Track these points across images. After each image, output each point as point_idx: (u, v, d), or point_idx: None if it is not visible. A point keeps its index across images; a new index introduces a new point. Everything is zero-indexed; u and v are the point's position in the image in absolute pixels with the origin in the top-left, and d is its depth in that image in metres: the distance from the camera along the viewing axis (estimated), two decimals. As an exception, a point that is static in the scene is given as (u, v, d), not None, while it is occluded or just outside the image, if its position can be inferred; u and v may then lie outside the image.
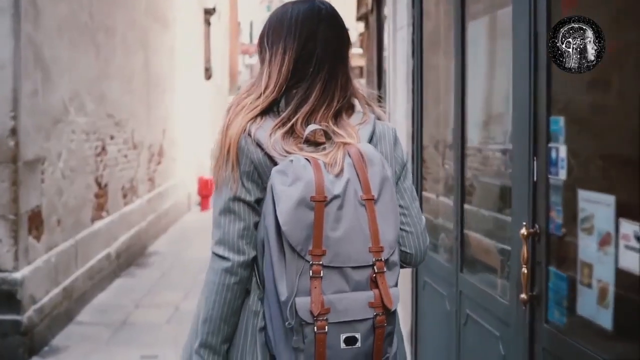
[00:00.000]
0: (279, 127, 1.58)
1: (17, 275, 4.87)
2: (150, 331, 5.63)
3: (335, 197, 1.47)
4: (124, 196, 7.86)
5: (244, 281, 1.59)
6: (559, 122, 2.14)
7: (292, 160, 1.50)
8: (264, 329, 1.58)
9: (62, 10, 5.78)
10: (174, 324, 5.81)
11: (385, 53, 7.18)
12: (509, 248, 2.54)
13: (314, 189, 1.46)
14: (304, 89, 1.62)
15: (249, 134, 1.57)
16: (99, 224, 6.80)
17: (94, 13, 6.63)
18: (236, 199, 1.58)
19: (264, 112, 1.61)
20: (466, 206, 2.95)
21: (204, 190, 12.57)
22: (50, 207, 5.48)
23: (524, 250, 2.21)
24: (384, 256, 1.49)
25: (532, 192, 2.25)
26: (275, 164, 1.54)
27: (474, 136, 2.98)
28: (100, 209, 6.90)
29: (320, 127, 1.57)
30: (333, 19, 1.67)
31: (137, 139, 8.45)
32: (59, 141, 5.69)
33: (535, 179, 2.24)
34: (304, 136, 1.56)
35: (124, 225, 7.76)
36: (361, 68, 16.60)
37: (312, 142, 1.57)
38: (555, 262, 2.18)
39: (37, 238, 5.23)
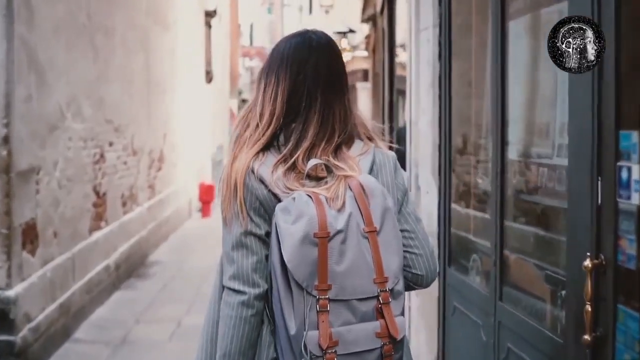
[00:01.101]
0: (280, 163, 1.60)
1: (11, 293, 4.55)
2: (152, 349, 5.32)
3: (339, 232, 1.51)
4: (124, 205, 7.55)
5: (259, 313, 1.60)
6: (632, 138, 1.84)
7: (294, 198, 1.53)
8: (276, 359, 1.60)
9: (58, 11, 5.47)
10: (176, 341, 5.51)
11: (399, 58, 6.89)
12: (560, 276, 2.23)
13: (317, 225, 1.49)
14: (301, 124, 1.63)
15: (252, 171, 1.60)
16: (97, 235, 6.49)
17: (92, 14, 6.32)
18: (247, 233, 1.60)
19: (266, 147, 1.63)
20: (507, 223, 2.64)
21: (205, 196, 12.28)
22: (45, 219, 5.17)
23: (588, 285, 1.91)
24: (388, 286, 1.53)
25: (596, 218, 1.94)
26: (278, 200, 1.57)
27: (513, 147, 2.67)
28: (98, 219, 6.59)
29: (321, 162, 1.59)
30: (325, 49, 1.68)
31: (137, 145, 8.14)
32: (54, 149, 5.38)
33: (599, 202, 1.93)
34: (306, 172, 1.58)
35: (124, 235, 7.45)
36: (365, 71, 16.30)
37: (314, 177, 1.60)
38: (625, 298, 1.88)
39: (32, 252, 4.92)
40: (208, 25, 15.15)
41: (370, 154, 1.67)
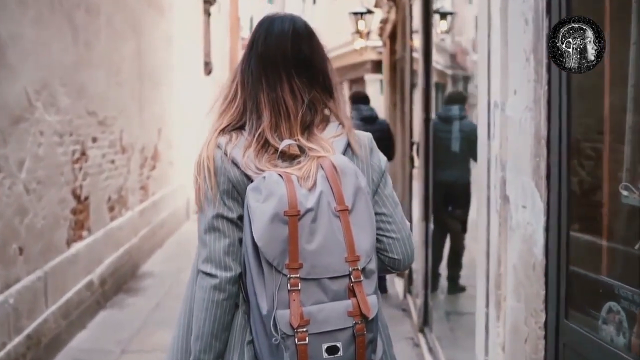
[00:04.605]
0: (250, 145, 1.63)
1: (-43, 328, 3.59)
2: (140, 391, 4.35)
3: (309, 210, 1.52)
4: (111, 209, 6.55)
5: (232, 297, 1.62)
6: None
7: (264, 177, 1.55)
8: (251, 342, 1.61)
9: (24, -23, 4.49)
10: (170, 377, 4.53)
11: (437, 36, 5.90)
12: None
13: (286, 203, 1.51)
14: (255, 105, 1.67)
15: (225, 153, 1.63)
16: (77, 247, 5.50)
17: (70, -15, 5.34)
18: (219, 216, 1.62)
19: (238, 129, 1.68)
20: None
21: (205, 197, 11.27)
22: (7, 232, 4.19)
23: None
24: (360, 265, 1.55)
25: None
26: (251, 181, 1.59)
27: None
28: (79, 227, 5.59)
29: (294, 142, 1.62)
30: (291, 34, 1.69)
31: (126, 141, 7.14)
32: (20, 146, 4.40)
33: None
34: (279, 150, 1.61)
35: (111, 245, 6.46)
36: (375, 62, 15.27)
37: (288, 156, 1.62)
38: None
39: (-12, 274, 3.95)
40: (207, 14, 14.21)
41: (345, 136, 1.68)
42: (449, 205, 5.69)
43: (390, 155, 6.88)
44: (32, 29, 4.63)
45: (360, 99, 6.91)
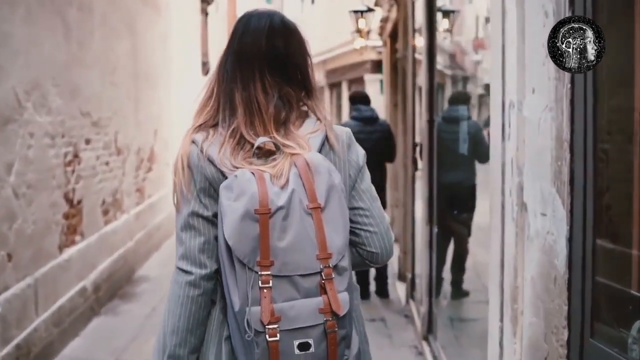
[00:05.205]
0: (226, 142, 1.63)
1: (-60, 340, 3.42)
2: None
3: (280, 208, 1.53)
4: (105, 213, 6.38)
5: (207, 293, 1.63)
6: None
7: (236, 175, 1.56)
8: (229, 338, 1.62)
9: (13, -27, 4.33)
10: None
11: (440, 35, 5.74)
12: None
13: (257, 201, 1.52)
14: (229, 103, 1.67)
15: (202, 150, 1.63)
16: (70, 252, 5.33)
17: (61, -18, 5.17)
18: (194, 214, 1.62)
19: (215, 126, 1.67)
20: None
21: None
22: (-6, 238, 4.02)
23: None
24: (332, 262, 1.55)
25: None
26: (226, 178, 1.58)
27: None
28: (72, 232, 5.42)
29: (269, 140, 1.62)
30: (267, 31, 1.68)
31: (122, 143, 6.97)
32: (8, 148, 4.22)
33: None
34: (255, 146, 1.61)
35: (105, 249, 6.29)
36: (375, 62, 15.08)
37: (263, 154, 1.62)
38: None
39: (-26, 283, 3.78)
40: (205, 13, 14.07)
41: (322, 132, 1.67)
42: (453, 208, 5.52)
43: (391, 156, 6.71)
44: (21, 27, 4.46)
45: (360, 99, 6.73)
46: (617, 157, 1.99)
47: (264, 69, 1.67)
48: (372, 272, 6.61)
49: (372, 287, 6.61)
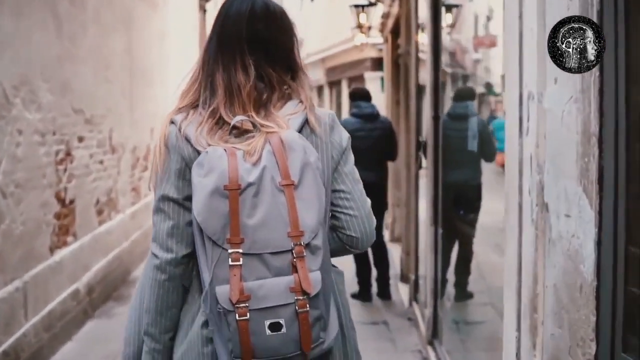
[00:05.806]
0: (204, 121, 1.61)
1: None
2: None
3: (250, 184, 1.51)
4: (99, 213, 6.20)
5: (174, 278, 1.61)
6: None
7: (207, 152, 1.54)
8: (206, 322, 1.58)
9: (0, -37, 4.14)
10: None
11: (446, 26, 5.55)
12: None
13: (227, 177, 1.50)
14: (210, 83, 1.66)
15: (180, 129, 1.61)
16: (61, 253, 5.15)
17: (52, -26, 4.98)
18: (164, 197, 1.61)
19: (195, 107, 1.66)
20: None
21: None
22: (-20, 239, 3.84)
23: None
24: (304, 240, 1.52)
25: None
26: None
27: None
28: (63, 233, 5.24)
29: (246, 118, 1.61)
30: (248, 13, 1.68)
31: (116, 141, 6.79)
32: (-5, 145, 4.05)
33: None
34: (231, 125, 1.59)
35: (100, 250, 6.11)
36: (375, 59, 14.88)
37: (240, 133, 1.60)
38: None
39: (-42, 287, 3.60)
40: (203, 10, 13.88)
41: (302, 113, 1.66)
42: (458, 208, 5.34)
43: (392, 155, 6.54)
44: (9, 19, 4.27)
45: (360, 95, 6.55)
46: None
47: (244, 51, 1.66)
48: (374, 273, 6.43)
49: (374, 289, 6.43)
